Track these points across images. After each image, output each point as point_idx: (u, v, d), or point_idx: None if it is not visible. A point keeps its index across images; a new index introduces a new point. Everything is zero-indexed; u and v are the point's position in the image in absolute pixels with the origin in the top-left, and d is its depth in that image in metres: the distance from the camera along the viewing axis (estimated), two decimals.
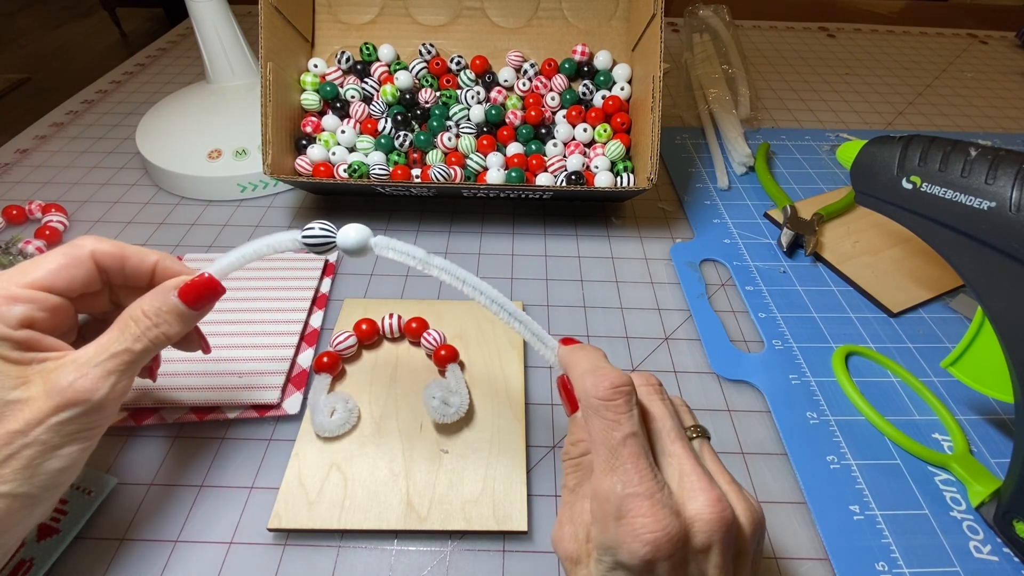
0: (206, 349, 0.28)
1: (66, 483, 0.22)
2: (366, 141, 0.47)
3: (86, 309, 0.25)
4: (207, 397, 0.32)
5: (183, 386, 0.32)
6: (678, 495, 0.19)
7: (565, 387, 0.23)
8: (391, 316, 0.36)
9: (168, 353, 0.34)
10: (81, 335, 0.26)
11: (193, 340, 0.27)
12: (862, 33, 0.86)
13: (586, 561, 0.19)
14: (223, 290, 0.25)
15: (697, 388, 0.35)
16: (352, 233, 0.24)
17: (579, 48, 0.49)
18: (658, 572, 0.17)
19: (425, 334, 0.35)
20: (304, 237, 0.24)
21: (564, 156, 0.46)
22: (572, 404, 0.22)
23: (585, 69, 0.50)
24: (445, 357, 0.33)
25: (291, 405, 0.33)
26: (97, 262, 0.24)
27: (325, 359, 0.33)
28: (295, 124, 0.48)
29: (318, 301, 0.39)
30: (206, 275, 0.24)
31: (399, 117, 0.48)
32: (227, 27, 0.51)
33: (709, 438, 0.22)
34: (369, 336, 0.35)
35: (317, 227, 0.24)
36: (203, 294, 0.24)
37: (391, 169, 0.45)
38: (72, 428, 0.21)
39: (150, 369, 0.28)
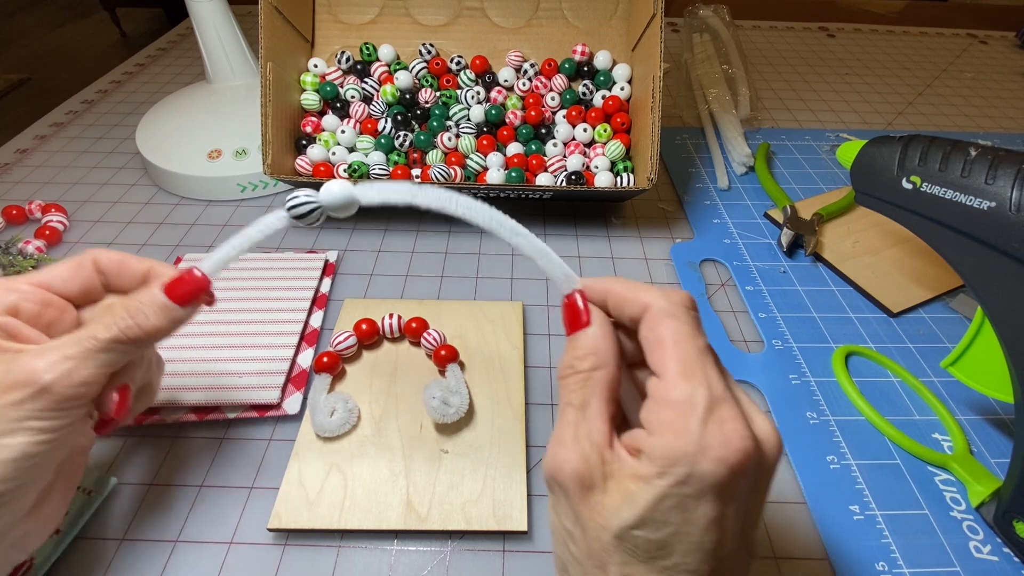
0: (118, 414, 0.24)
1: (23, 480, 0.20)
2: (366, 141, 0.47)
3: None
4: (207, 397, 0.32)
5: (183, 386, 0.32)
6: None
7: (573, 307, 0.20)
8: (391, 316, 0.36)
9: (168, 353, 0.34)
10: None
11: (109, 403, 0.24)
12: (862, 33, 0.86)
13: (602, 485, 0.17)
14: (209, 285, 0.24)
15: None
16: (336, 188, 0.22)
17: (579, 48, 0.49)
18: (737, 490, 0.16)
19: (425, 334, 0.35)
20: (289, 209, 0.23)
21: (564, 156, 0.46)
22: (576, 324, 0.20)
23: (585, 69, 0.50)
24: (445, 357, 0.33)
25: (291, 405, 0.33)
26: (97, 266, 0.24)
27: (325, 359, 0.33)
28: (295, 124, 0.48)
29: (318, 301, 0.39)
30: (194, 271, 0.23)
31: (399, 117, 0.48)
32: (227, 27, 0.51)
33: None
34: (369, 336, 0.35)
35: (301, 195, 0.23)
36: (188, 289, 0.23)
37: (391, 169, 0.45)
38: (19, 414, 0.19)
39: (119, 402, 0.23)
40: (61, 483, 0.23)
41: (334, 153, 0.46)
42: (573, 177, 0.44)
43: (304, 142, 0.47)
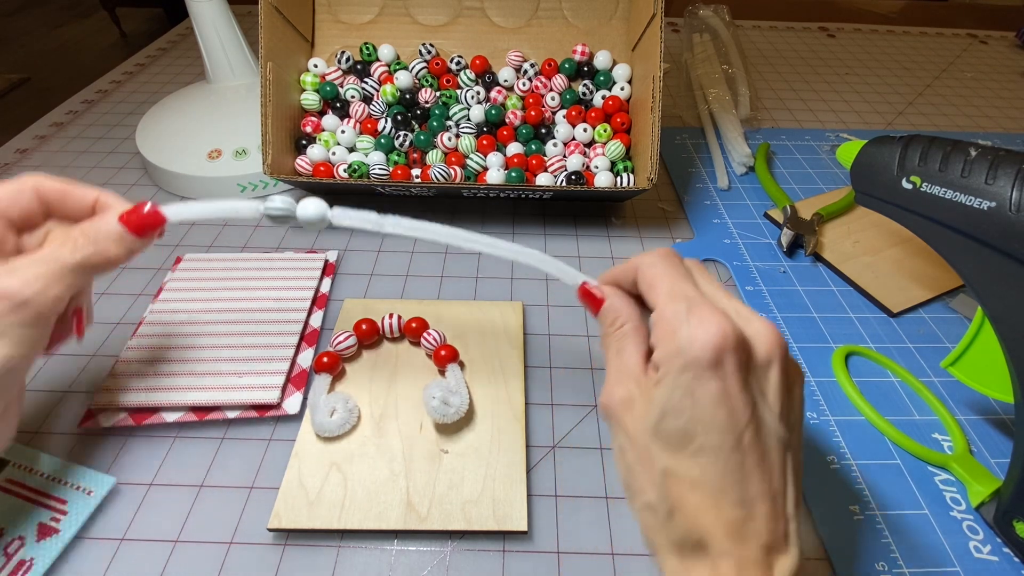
0: (79, 333, 0.27)
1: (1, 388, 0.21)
2: (366, 141, 0.47)
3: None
4: (207, 397, 0.32)
5: (183, 386, 0.32)
6: (736, 320, 0.20)
7: (587, 292, 0.25)
8: (391, 316, 0.36)
9: (168, 353, 0.34)
10: None
11: (67, 322, 0.26)
12: (862, 33, 0.86)
13: (639, 395, 0.21)
14: (163, 222, 0.25)
15: None
16: (311, 207, 0.25)
17: (579, 48, 0.49)
18: (726, 366, 0.19)
19: (425, 334, 0.35)
20: (266, 208, 0.25)
21: (564, 156, 0.46)
22: (596, 303, 0.24)
23: (585, 69, 0.50)
24: (445, 357, 0.33)
25: (291, 405, 0.33)
26: (39, 194, 0.25)
27: (325, 359, 0.33)
28: (295, 124, 0.48)
29: (318, 301, 0.39)
30: (148, 205, 0.25)
31: (399, 117, 0.48)
32: (227, 27, 0.51)
33: None
34: (369, 336, 0.35)
35: (279, 200, 0.25)
36: (144, 221, 0.24)
37: (391, 169, 0.45)
38: (1, 325, 0.21)
39: (78, 323, 0.26)
40: (14, 401, 0.24)
41: (334, 153, 0.46)
42: (573, 177, 0.44)
43: (304, 142, 0.47)
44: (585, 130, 0.47)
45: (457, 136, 0.46)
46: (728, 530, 0.18)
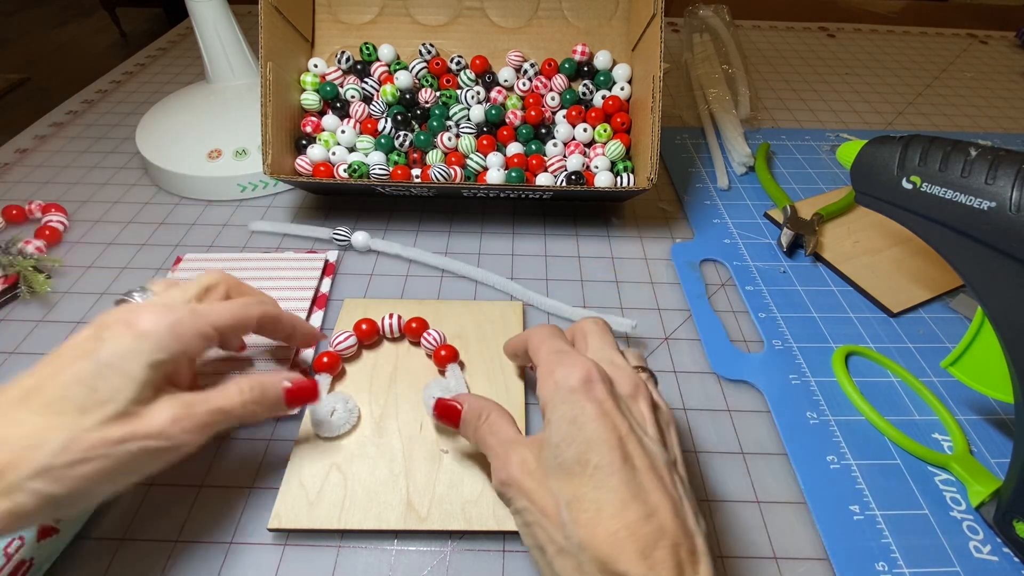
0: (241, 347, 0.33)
1: (84, 506, 0.23)
2: (366, 141, 0.47)
3: (224, 345, 0.31)
4: None
5: None
6: (604, 364, 0.24)
7: (442, 407, 0.27)
8: (391, 316, 0.36)
9: None
10: None
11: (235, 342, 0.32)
12: (862, 33, 0.86)
13: (530, 453, 0.23)
14: (317, 400, 0.28)
15: (697, 388, 0.35)
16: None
17: (579, 48, 0.49)
18: (596, 391, 0.22)
19: (425, 334, 0.35)
20: None
21: (564, 156, 0.46)
22: (455, 413, 0.27)
23: (585, 69, 0.50)
24: (445, 357, 0.33)
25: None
26: (258, 324, 0.28)
27: (325, 359, 0.33)
28: (295, 124, 0.48)
29: (318, 301, 0.39)
30: (315, 389, 0.28)
31: (399, 117, 0.48)
32: (227, 27, 0.51)
33: (656, 383, 0.27)
34: (369, 336, 0.35)
35: None
36: (302, 398, 0.28)
37: (391, 169, 0.45)
38: (140, 456, 0.22)
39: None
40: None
41: (334, 153, 0.46)
42: (573, 177, 0.44)
43: (304, 142, 0.47)
44: (585, 130, 0.47)
45: (457, 136, 0.46)
46: (642, 553, 0.18)
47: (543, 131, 0.48)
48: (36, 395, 0.20)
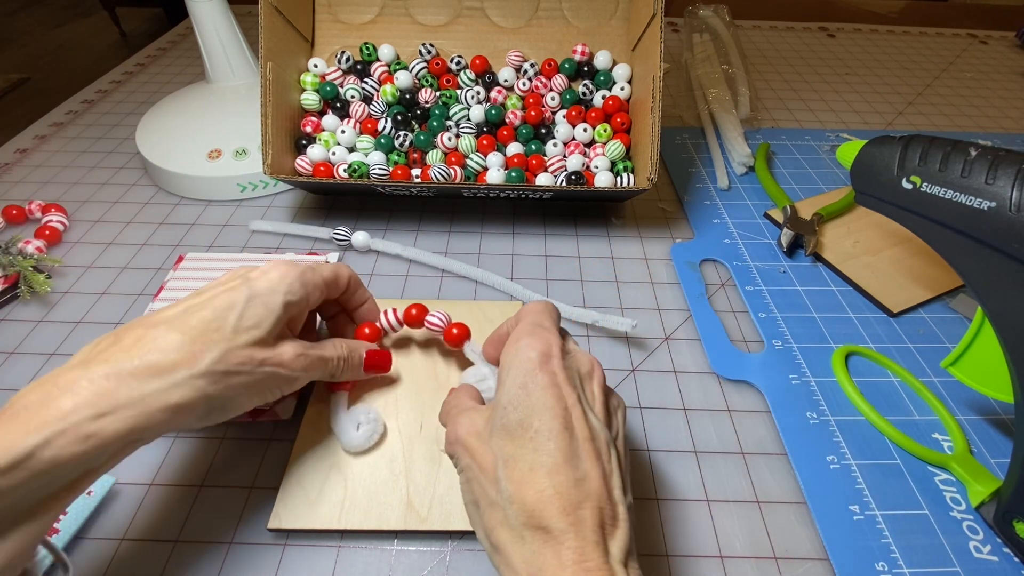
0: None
1: (225, 414, 0.25)
2: (366, 141, 0.47)
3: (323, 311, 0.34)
4: None
5: None
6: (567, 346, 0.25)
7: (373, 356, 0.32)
8: (386, 313, 0.35)
9: None
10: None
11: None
12: (862, 33, 0.86)
13: (479, 416, 0.24)
14: (388, 369, 0.33)
15: (697, 388, 0.35)
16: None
17: (579, 48, 0.49)
18: (552, 364, 0.23)
19: (428, 318, 0.34)
20: None
21: (564, 156, 0.46)
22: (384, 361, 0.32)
23: (585, 69, 0.50)
24: (459, 335, 0.32)
25: (284, 410, 0.32)
26: (351, 281, 0.32)
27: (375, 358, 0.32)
28: (295, 124, 0.48)
29: None
30: (388, 359, 0.33)
31: (399, 117, 0.48)
32: (227, 27, 0.51)
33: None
34: (373, 340, 0.35)
35: None
36: (377, 365, 0.32)
37: (391, 169, 0.45)
38: (270, 380, 0.26)
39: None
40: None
41: (334, 153, 0.46)
42: (573, 177, 0.44)
43: (304, 142, 0.47)
44: (585, 130, 0.47)
45: (457, 136, 0.46)
46: (566, 510, 0.20)
47: (543, 131, 0.48)
48: (183, 319, 0.24)
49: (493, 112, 0.47)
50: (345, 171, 0.45)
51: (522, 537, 0.20)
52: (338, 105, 0.49)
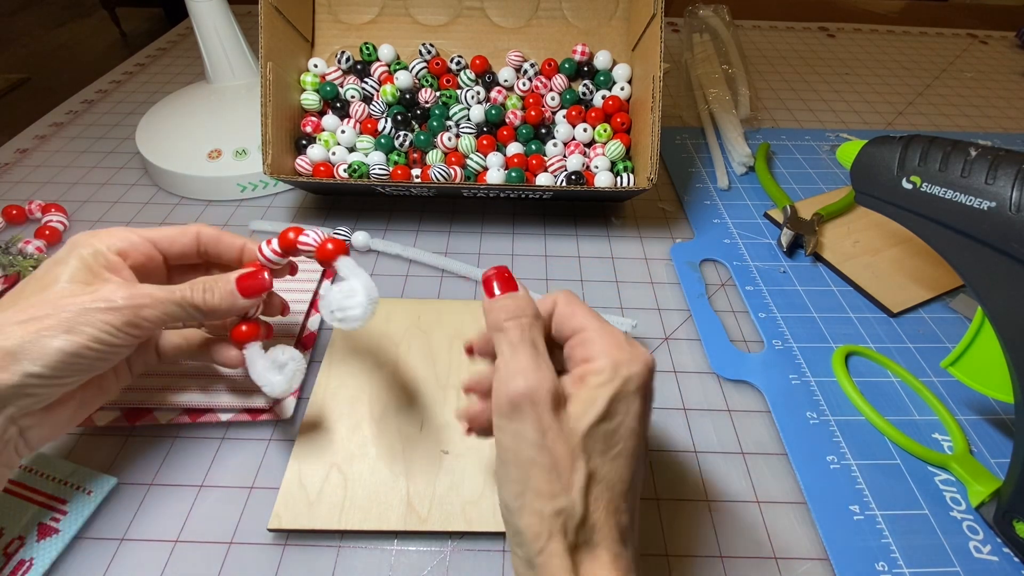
0: (285, 311, 0.32)
1: (61, 374, 0.23)
2: (366, 141, 0.47)
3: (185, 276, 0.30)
4: (201, 399, 0.32)
5: (177, 387, 0.32)
6: None
7: (503, 274, 0.25)
8: (261, 249, 0.29)
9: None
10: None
11: (275, 305, 0.32)
12: (862, 33, 0.86)
13: (565, 401, 0.21)
14: (270, 287, 0.29)
15: (697, 388, 0.35)
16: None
17: (579, 48, 0.49)
18: (647, 391, 0.22)
19: (301, 238, 0.29)
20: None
21: (564, 156, 0.46)
22: (511, 286, 0.24)
23: (585, 69, 0.50)
24: (333, 251, 0.28)
25: (284, 409, 0.32)
26: (198, 237, 0.29)
27: (244, 327, 0.29)
28: (295, 124, 0.48)
29: (316, 304, 0.39)
30: (264, 274, 0.28)
31: (399, 117, 0.48)
32: (227, 27, 0.51)
33: None
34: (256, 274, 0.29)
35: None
36: (254, 285, 0.28)
37: (391, 169, 0.45)
38: (89, 318, 0.23)
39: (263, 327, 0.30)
40: (81, 398, 0.26)
41: (334, 153, 0.46)
42: (573, 177, 0.44)
43: (304, 142, 0.47)
44: (585, 130, 0.47)
45: (457, 136, 0.46)
46: (621, 535, 0.20)
47: (543, 131, 0.48)
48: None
49: (493, 112, 0.47)
50: (345, 171, 0.45)
51: (574, 548, 0.19)
52: (338, 105, 0.49)
